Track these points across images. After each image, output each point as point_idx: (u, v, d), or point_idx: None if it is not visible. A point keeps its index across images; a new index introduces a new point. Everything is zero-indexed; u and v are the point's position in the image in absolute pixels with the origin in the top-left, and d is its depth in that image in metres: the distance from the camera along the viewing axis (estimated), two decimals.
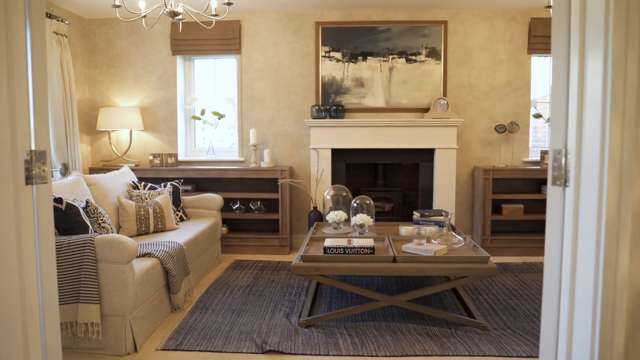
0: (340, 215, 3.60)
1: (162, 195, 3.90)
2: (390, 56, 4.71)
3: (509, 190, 4.83)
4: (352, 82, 4.73)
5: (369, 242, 3.03)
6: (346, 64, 4.72)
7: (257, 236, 4.65)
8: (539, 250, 4.59)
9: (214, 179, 4.95)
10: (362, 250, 2.91)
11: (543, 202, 4.84)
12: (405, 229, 3.47)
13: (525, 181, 4.81)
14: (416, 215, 3.65)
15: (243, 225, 4.97)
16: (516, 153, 4.82)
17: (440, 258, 2.80)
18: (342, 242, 3.03)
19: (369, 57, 4.71)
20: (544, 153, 4.64)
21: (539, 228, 4.88)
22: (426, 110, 4.75)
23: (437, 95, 4.73)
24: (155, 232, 3.73)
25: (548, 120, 4.72)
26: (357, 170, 5.12)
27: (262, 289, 3.59)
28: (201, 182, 4.97)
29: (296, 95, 4.80)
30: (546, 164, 4.62)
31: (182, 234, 3.64)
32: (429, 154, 4.72)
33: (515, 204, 4.65)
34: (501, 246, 4.57)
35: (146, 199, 3.91)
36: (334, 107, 4.62)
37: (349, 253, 2.91)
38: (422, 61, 4.71)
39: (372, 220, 3.46)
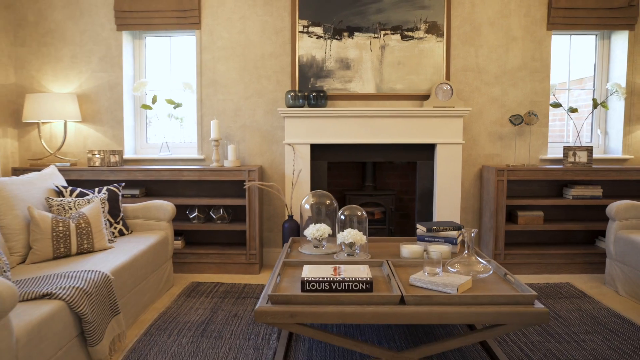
0: (322, 230, 2.75)
1: (92, 205, 2.99)
2: (382, 32, 3.87)
3: (525, 194, 4.05)
4: (335, 64, 3.88)
5: (363, 271, 2.19)
6: (329, 41, 3.87)
7: (219, 251, 3.76)
8: (564, 267, 3.81)
9: (167, 182, 4.04)
10: (356, 286, 2.06)
11: (566, 208, 4.07)
12: (408, 249, 2.64)
13: (543, 183, 4.03)
14: (421, 229, 2.82)
15: (202, 237, 4.08)
16: (533, 149, 4.03)
17: (466, 298, 1.97)
18: (326, 271, 2.18)
19: (356, 33, 3.87)
20: (567, 149, 3.86)
21: (562, 239, 4.10)
22: (426, 97, 3.93)
23: (439, 80, 3.91)
24: (80, 253, 2.82)
25: (570, 110, 3.95)
26: (341, 170, 4.28)
27: (220, 328, 2.72)
28: (152, 186, 4.06)
29: (268, 80, 3.92)
30: (570, 162, 3.85)
31: (114, 256, 2.74)
32: (428, 150, 3.90)
33: (534, 210, 3.86)
34: (517, 262, 3.78)
35: (70, 209, 2.99)
36: (314, 94, 3.76)
37: (336, 289, 2.06)
38: (421, 38, 3.88)
39: (364, 237, 2.61)
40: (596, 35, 4.18)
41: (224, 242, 4.05)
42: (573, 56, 4.25)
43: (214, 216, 3.85)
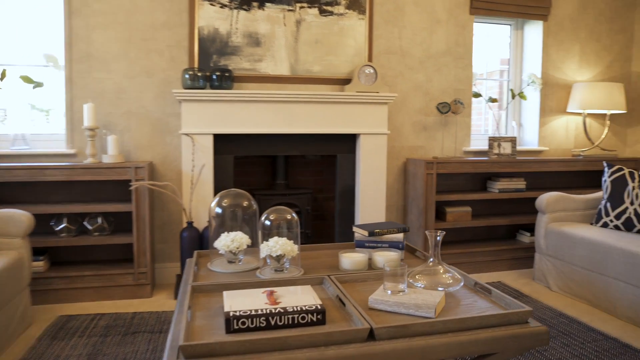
0: (239, 240, 2.13)
1: None
2: (298, 4, 3.33)
3: (450, 189, 3.78)
4: (243, 39, 3.26)
5: (306, 294, 1.62)
6: (235, 11, 3.23)
7: (98, 272, 2.93)
8: (491, 264, 3.59)
9: (23, 185, 3.09)
10: (303, 318, 1.49)
11: (491, 202, 3.88)
12: (350, 259, 2.12)
13: (468, 177, 3.80)
14: (361, 233, 2.32)
15: (75, 255, 3.19)
16: (457, 141, 3.78)
17: (451, 323, 1.49)
18: (256, 298, 1.58)
19: (267, 4, 3.28)
20: (492, 141, 3.65)
21: (485, 235, 3.91)
22: (346, 81, 3.47)
23: (361, 62, 3.48)
24: None
25: (489, 100, 3.76)
26: (246, 167, 3.66)
27: None
28: (3, 190, 3.07)
29: (159, 55, 3.17)
30: (495, 154, 3.65)
31: None
32: (350, 142, 3.45)
33: (461, 206, 3.59)
34: (447, 262, 3.48)
35: None
36: (218, 74, 3.10)
37: (278, 325, 1.47)
38: (341, 14, 3.41)
39: (296, 247, 2.05)
40: (511, 25, 4.07)
41: (105, 259, 3.21)
42: (491, 45, 4.09)
43: (90, 227, 3.00)
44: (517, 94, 3.96)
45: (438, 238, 1.84)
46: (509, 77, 4.11)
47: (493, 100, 3.84)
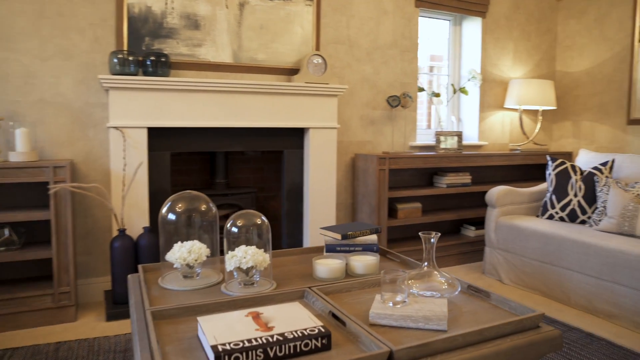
0: (197, 250, 1.81)
1: None
2: None
3: (398, 184, 3.68)
4: (180, 21, 2.88)
5: (300, 313, 1.38)
6: None
7: (7, 295, 2.41)
8: (441, 260, 3.56)
9: None
10: (307, 345, 1.24)
11: (437, 197, 3.85)
12: (326, 267, 1.89)
13: (414, 172, 3.73)
14: (332, 236, 2.11)
15: None
16: (403, 136, 3.69)
17: (471, 336, 1.33)
18: (242, 323, 1.30)
19: None
20: (439, 135, 3.61)
21: (439, 230, 3.86)
22: (293, 71, 3.22)
23: (308, 51, 3.25)
24: None
25: (433, 94, 3.72)
26: (182, 165, 3.28)
27: None
28: None
29: (80, 34, 2.70)
30: (442, 148, 3.61)
31: None
32: (297, 136, 3.21)
33: (411, 202, 3.51)
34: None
35: None
36: (153, 59, 2.70)
37: (278, 357, 1.20)
38: None
39: (268, 256, 1.78)
40: (450, 20, 4.07)
41: (15, 279, 2.67)
42: (431, 41, 4.06)
43: None
44: (458, 89, 3.96)
45: (432, 241, 1.67)
46: (448, 72, 4.11)
47: (436, 95, 3.81)
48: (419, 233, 1.67)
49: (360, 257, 2.03)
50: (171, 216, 1.88)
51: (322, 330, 1.27)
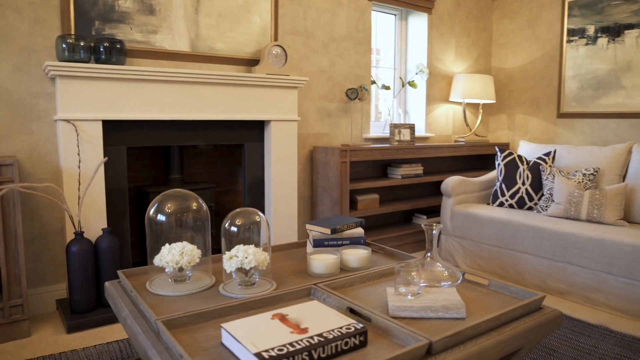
0: (189, 252, 1.70)
1: None
2: None
3: (354, 176, 3.71)
4: (134, 4, 2.66)
5: (326, 312, 1.34)
6: None
7: None
8: (400, 249, 3.64)
9: None
10: (346, 344, 1.21)
11: (392, 188, 3.94)
12: (322, 262, 1.86)
13: (369, 164, 3.78)
14: (320, 231, 2.08)
15: None
16: (358, 128, 3.72)
17: (491, 322, 1.38)
18: (272, 327, 1.24)
19: None
20: (393, 127, 3.68)
21: (387, 221, 3.96)
22: (252, 62, 3.12)
23: (267, 42, 3.16)
24: None
25: (383, 87, 3.80)
26: (133, 160, 3.06)
27: None
28: None
29: (17, 14, 2.39)
30: (396, 140, 3.69)
31: None
32: (257, 129, 3.12)
33: (369, 194, 3.56)
34: None
35: None
36: (106, 45, 2.47)
37: (321, 359, 1.16)
38: None
39: (268, 257, 1.71)
40: (396, 15, 4.16)
41: None
42: (375, 34, 4.13)
43: None
44: (407, 82, 4.07)
45: (434, 232, 1.70)
46: (394, 66, 4.20)
47: (386, 88, 3.88)
48: (422, 225, 1.69)
49: (351, 250, 2.02)
50: (160, 217, 1.74)
51: (358, 327, 1.25)
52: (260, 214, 1.77)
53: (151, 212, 1.74)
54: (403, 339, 1.27)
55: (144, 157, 3.09)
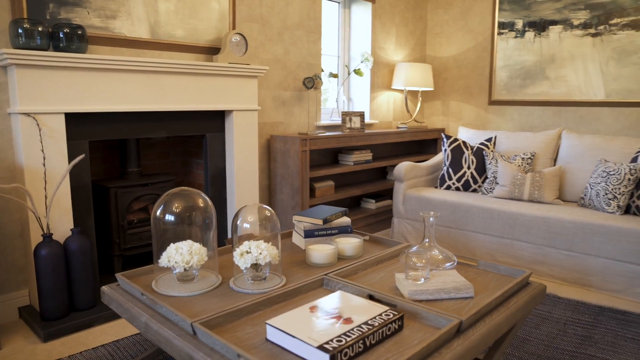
0: (198, 251, 1.69)
1: None
2: None
3: (312, 164, 3.78)
4: None
5: (358, 302, 1.42)
6: None
7: None
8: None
9: None
10: (389, 329, 1.31)
11: (344, 175, 4.06)
12: (321, 253, 1.93)
13: (321, 151, 3.87)
14: (311, 222, 2.14)
15: None
16: (310, 116, 3.78)
17: (500, 298, 1.55)
18: (318, 320, 1.30)
19: None
20: (345, 115, 3.79)
21: (343, 205, 4.08)
22: (211, 50, 3.04)
23: (225, 29, 3.09)
24: None
25: (330, 75, 3.90)
26: (90, 153, 2.88)
27: None
28: None
29: None
30: (348, 127, 3.81)
31: None
32: (218, 119, 3.07)
33: (325, 181, 3.65)
34: None
35: None
36: (66, 31, 2.29)
37: (372, 345, 1.25)
38: None
39: (278, 253, 1.75)
40: (339, 3, 4.23)
41: None
42: (324, 23, 4.18)
43: None
44: (354, 70, 4.19)
45: (431, 219, 1.84)
46: (338, 54, 4.30)
47: (334, 76, 3.97)
48: (420, 213, 1.82)
49: (344, 239, 2.11)
50: (169, 217, 1.70)
51: (395, 313, 1.35)
52: (269, 208, 1.80)
53: (157, 211, 1.69)
54: (433, 320, 1.40)
55: (96, 149, 2.91)
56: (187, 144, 3.32)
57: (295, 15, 3.55)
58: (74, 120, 2.39)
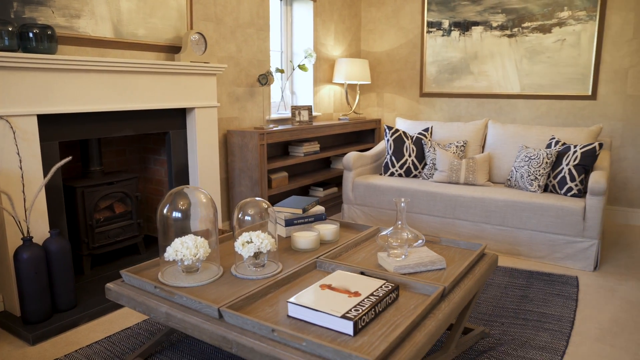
0: (202, 244, 1.85)
1: None
2: None
3: (267, 156, 3.94)
4: None
5: (357, 279, 1.67)
6: None
7: None
8: None
9: None
10: (391, 298, 1.57)
11: (294, 166, 4.26)
12: (306, 239, 2.15)
13: (272, 144, 4.04)
14: (291, 212, 2.34)
15: None
16: (262, 110, 3.93)
17: (469, 266, 1.87)
18: (331, 295, 1.53)
19: None
20: (294, 109, 3.99)
21: (287, 196, 4.28)
22: (172, 49, 3.10)
23: (184, 27, 3.15)
24: None
25: (277, 70, 4.08)
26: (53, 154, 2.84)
27: None
28: None
29: None
30: (297, 121, 4.02)
31: None
32: (180, 116, 3.15)
33: (279, 172, 3.84)
34: None
35: None
36: (36, 31, 2.26)
37: (379, 312, 1.50)
38: None
39: (275, 241, 1.95)
40: (281, 0, 4.39)
41: None
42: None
43: None
44: (298, 65, 4.38)
45: (402, 205, 2.13)
46: (281, 49, 4.47)
47: (281, 71, 4.14)
48: (393, 200, 2.09)
49: (322, 226, 2.34)
50: (176, 214, 1.82)
51: (392, 285, 1.61)
52: (268, 204, 1.98)
53: (163, 210, 1.81)
54: (420, 288, 1.68)
55: (63, 150, 2.87)
56: (143, 141, 3.35)
57: (246, 14, 3.67)
58: (44, 122, 2.38)
